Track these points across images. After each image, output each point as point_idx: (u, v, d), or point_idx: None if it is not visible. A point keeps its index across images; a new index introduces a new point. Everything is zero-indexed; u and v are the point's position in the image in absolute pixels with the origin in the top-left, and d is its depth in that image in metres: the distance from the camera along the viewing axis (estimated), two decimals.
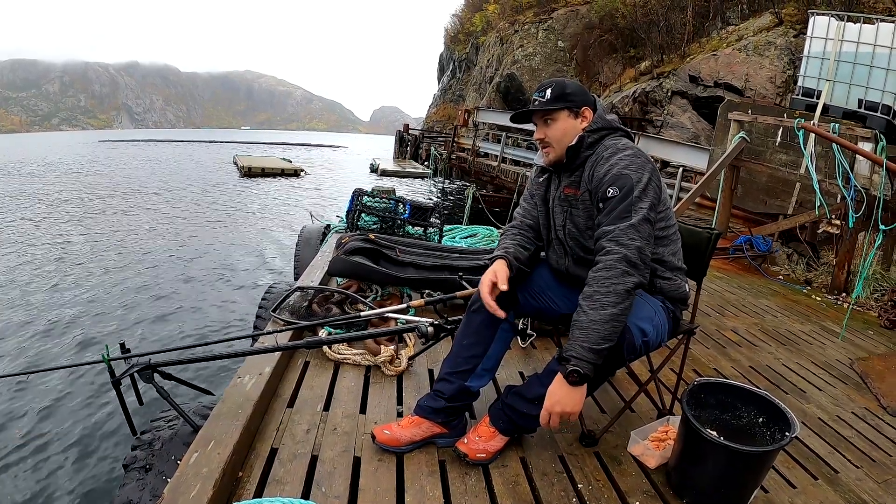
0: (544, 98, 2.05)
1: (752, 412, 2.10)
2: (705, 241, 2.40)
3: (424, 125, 38.17)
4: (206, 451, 1.89)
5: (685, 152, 11.58)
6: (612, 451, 2.26)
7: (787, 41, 12.58)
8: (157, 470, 2.42)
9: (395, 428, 2.13)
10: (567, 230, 2.15)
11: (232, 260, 10.44)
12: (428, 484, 1.96)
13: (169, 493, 1.71)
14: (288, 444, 2.13)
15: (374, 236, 3.99)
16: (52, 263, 9.80)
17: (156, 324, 6.97)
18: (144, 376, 2.33)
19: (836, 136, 5.19)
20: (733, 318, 4.44)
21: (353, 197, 5.11)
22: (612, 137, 2.08)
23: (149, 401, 2.59)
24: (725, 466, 1.89)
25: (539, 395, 1.91)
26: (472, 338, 2.16)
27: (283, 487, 1.88)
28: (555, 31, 23.68)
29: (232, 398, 2.24)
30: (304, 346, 2.60)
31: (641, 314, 1.96)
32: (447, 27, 41.59)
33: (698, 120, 13.98)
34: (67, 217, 14.34)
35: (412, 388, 2.69)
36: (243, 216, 15.19)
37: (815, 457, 2.43)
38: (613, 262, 1.81)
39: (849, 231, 5.37)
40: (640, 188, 1.90)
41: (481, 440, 2.09)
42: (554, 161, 2.13)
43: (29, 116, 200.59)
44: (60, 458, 4.20)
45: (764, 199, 7.88)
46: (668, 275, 2.11)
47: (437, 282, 3.73)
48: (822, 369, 3.53)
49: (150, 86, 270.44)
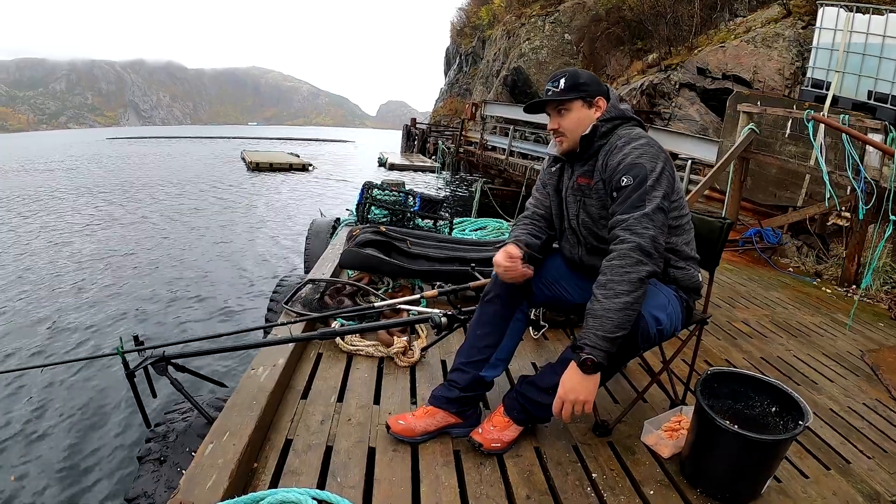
0: (558, 88, 2.05)
1: (764, 402, 2.10)
2: (718, 230, 2.40)
3: (431, 119, 38.05)
4: (221, 442, 1.91)
5: (693, 144, 11.53)
6: (626, 441, 2.26)
7: (796, 33, 12.48)
8: (172, 462, 2.44)
9: (410, 418, 2.14)
10: (580, 220, 2.15)
11: (242, 254, 10.46)
12: (443, 473, 1.97)
13: (185, 483, 1.72)
14: (302, 434, 2.15)
15: (384, 228, 3.99)
16: (65, 258, 9.86)
17: (168, 317, 7.01)
18: (158, 368, 2.35)
19: (847, 127, 5.16)
20: (744, 309, 4.43)
21: (363, 190, 5.11)
22: (626, 127, 2.08)
23: (162, 393, 2.60)
24: (740, 455, 1.89)
25: (553, 384, 1.91)
26: (486, 328, 2.17)
27: (298, 478, 1.89)
28: (561, 24, 23.56)
29: (246, 389, 2.25)
30: (319, 336, 2.61)
31: (655, 303, 1.96)
32: (453, 21, 41.44)
33: (706, 112, 13.89)
34: (76, 211, 14.41)
35: (425, 378, 2.71)
36: (252, 211, 15.19)
37: (827, 447, 2.43)
38: (627, 250, 1.81)
39: (859, 223, 5.34)
40: (654, 177, 1.90)
41: (496, 430, 2.10)
42: (567, 151, 2.13)
43: (36, 115, 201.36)
44: (74, 451, 4.22)
45: (773, 191, 7.84)
46: (682, 264, 2.11)
47: (449, 274, 3.73)
48: (833, 361, 3.52)
49: (156, 83, 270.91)
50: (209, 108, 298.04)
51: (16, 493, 3.76)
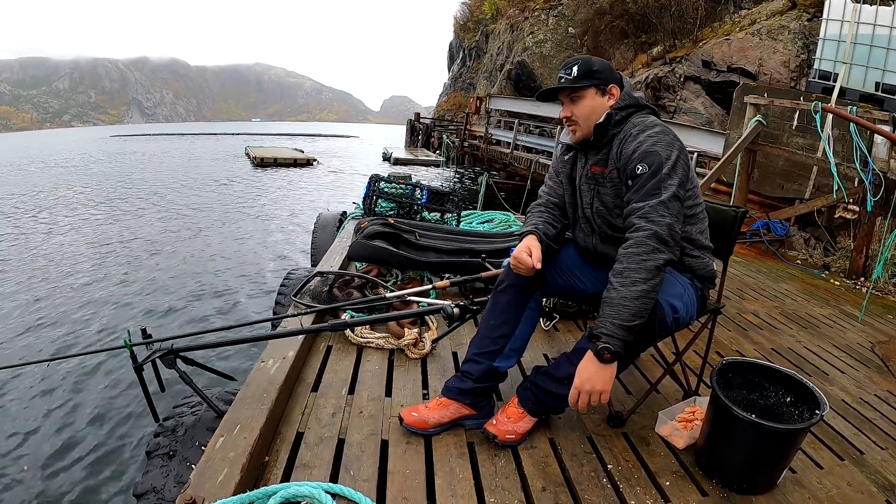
0: (570, 76, 2.03)
1: (779, 392, 2.08)
2: (731, 219, 2.38)
3: (435, 114, 38.05)
4: (231, 436, 1.88)
5: (700, 137, 11.51)
6: (640, 432, 2.24)
7: (801, 25, 12.42)
8: (182, 456, 2.42)
9: (423, 410, 2.12)
10: (595, 208, 2.14)
11: (249, 248, 10.49)
12: (457, 466, 1.95)
13: (195, 477, 1.70)
14: (314, 427, 2.13)
15: (393, 220, 3.98)
16: (72, 252, 9.91)
17: (176, 310, 7.03)
18: (166, 361, 2.31)
19: (856, 117, 5.13)
20: (753, 301, 4.41)
21: (369, 182, 5.08)
22: (640, 115, 2.07)
23: (171, 387, 2.58)
24: (756, 445, 1.87)
25: (568, 374, 1.89)
26: (499, 318, 2.15)
27: (310, 471, 1.87)
28: (565, 18, 23.51)
29: (256, 382, 2.23)
30: (329, 328, 2.58)
31: (672, 291, 1.94)
32: (456, 15, 41.39)
33: (712, 105, 13.86)
34: (85, 206, 14.46)
35: (437, 370, 2.69)
36: (258, 206, 15.21)
37: (841, 438, 2.41)
38: (644, 238, 1.80)
39: (867, 215, 5.31)
40: (670, 165, 1.88)
41: (510, 421, 2.08)
42: (580, 139, 2.11)
43: (40, 114, 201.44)
44: (82, 446, 4.23)
45: (781, 183, 7.80)
46: (697, 253, 2.10)
47: (458, 265, 3.71)
48: (844, 352, 3.50)
49: (159, 80, 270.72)
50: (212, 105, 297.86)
51: (26, 487, 3.77)
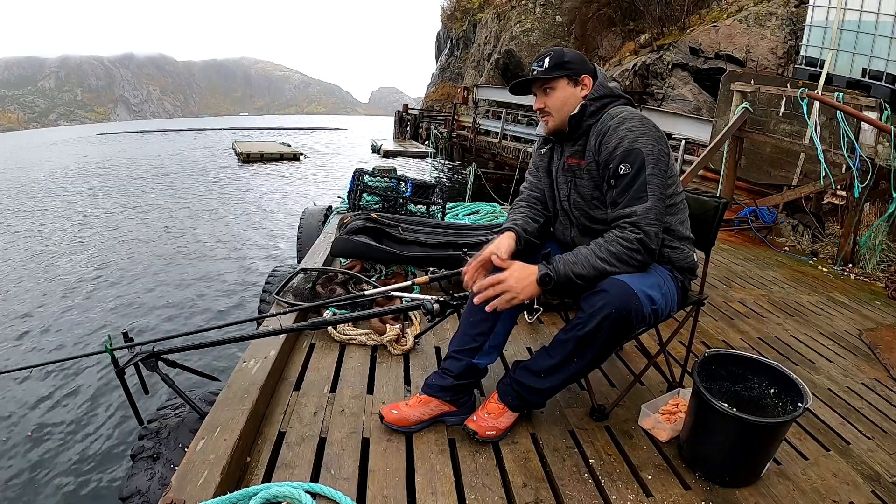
0: (542, 67, 2.03)
1: (763, 383, 2.08)
2: (713, 210, 2.36)
3: (423, 105, 37.88)
4: (212, 438, 1.86)
5: (687, 124, 11.52)
6: (623, 425, 2.24)
7: (788, 11, 12.41)
8: (165, 458, 2.40)
9: (404, 407, 2.11)
10: (572, 200, 2.13)
11: (234, 246, 10.43)
12: (438, 463, 1.94)
13: (177, 481, 1.67)
14: (296, 427, 2.11)
15: (376, 215, 3.95)
16: (50, 254, 9.82)
17: (159, 312, 6.97)
18: (148, 364, 2.29)
19: (841, 104, 5.12)
20: (740, 289, 4.41)
21: (354, 177, 5.05)
22: (616, 105, 2.05)
23: (154, 389, 2.55)
24: (738, 438, 1.87)
25: (548, 367, 1.91)
26: (478, 315, 2.12)
27: (291, 471, 1.86)
28: (552, 6, 23.39)
29: (237, 383, 2.21)
30: (309, 327, 2.56)
31: (648, 282, 1.93)
32: (443, 5, 41.06)
33: (700, 92, 13.85)
34: (65, 208, 14.34)
35: (419, 366, 2.67)
36: (243, 202, 15.14)
37: (827, 428, 2.41)
38: (633, 239, 1.87)
39: (854, 201, 5.32)
40: (652, 162, 1.90)
41: (490, 417, 2.07)
42: (553, 130, 2.10)
43: (26, 113, 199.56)
44: (67, 451, 4.21)
45: (768, 170, 7.81)
46: (676, 244, 2.08)
47: (442, 259, 3.68)
48: (831, 340, 3.50)
49: (146, 76, 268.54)
50: (200, 101, 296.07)
51: (10, 494, 3.73)
